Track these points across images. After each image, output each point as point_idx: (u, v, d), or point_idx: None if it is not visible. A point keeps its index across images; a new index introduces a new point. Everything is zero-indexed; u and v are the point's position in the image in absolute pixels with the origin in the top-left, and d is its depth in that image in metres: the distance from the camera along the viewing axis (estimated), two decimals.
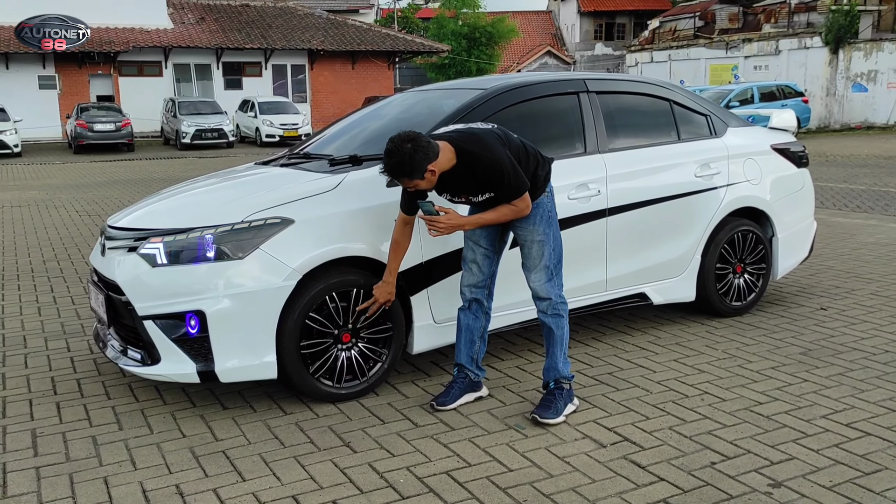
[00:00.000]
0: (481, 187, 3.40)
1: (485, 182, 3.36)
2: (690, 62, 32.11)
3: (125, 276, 3.68)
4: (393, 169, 3.23)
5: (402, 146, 3.17)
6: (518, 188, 3.37)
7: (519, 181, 3.36)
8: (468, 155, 3.31)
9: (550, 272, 3.58)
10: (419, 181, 3.26)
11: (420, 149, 3.18)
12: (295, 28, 33.87)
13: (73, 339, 4.93)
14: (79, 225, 9.73)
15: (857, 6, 28.08)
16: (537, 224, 3.54)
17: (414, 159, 3.17)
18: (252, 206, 3.69)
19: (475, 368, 3.79)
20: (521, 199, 3.40)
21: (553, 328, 3.61)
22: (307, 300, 3.60)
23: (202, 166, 18.47)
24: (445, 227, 3.38)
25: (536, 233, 3.55)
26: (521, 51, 47.41)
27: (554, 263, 3.59)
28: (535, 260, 3.58)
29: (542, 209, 3.56)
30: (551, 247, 3.57)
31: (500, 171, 3.30)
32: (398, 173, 3.24)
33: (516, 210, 3.43)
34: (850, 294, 5.66)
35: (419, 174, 3.22)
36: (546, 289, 3.58)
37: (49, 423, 3.63)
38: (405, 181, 3.28)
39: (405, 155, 3.17)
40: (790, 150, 5.35)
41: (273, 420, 3.62)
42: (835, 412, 3.59)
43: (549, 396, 3.60)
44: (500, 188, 3.36)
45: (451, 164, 3.32)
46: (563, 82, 4.67)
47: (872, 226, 8.59)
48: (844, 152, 18.71)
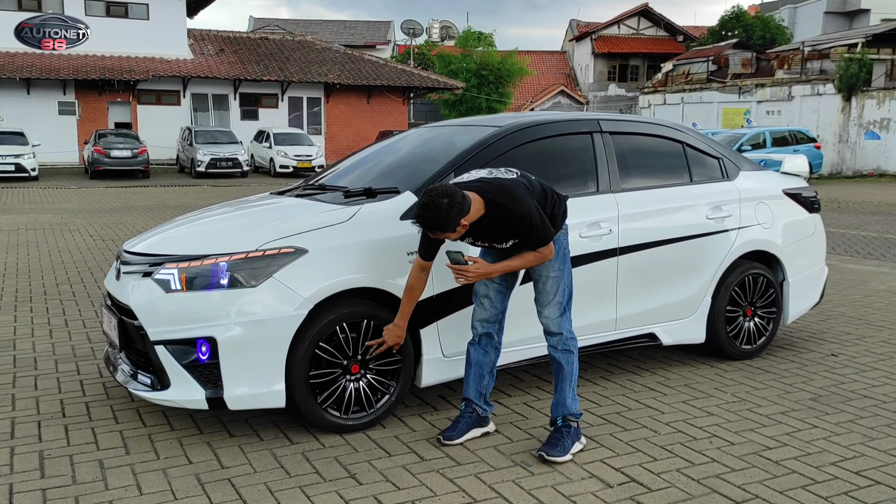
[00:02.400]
0: (508, 236, 3.45)
1: (513, 232, 3.42)
2: (703, 105, 32.29)
3: (139, 300, 3.72)
4: (427, 223, 3.27)
5: (438, 201, 3.21)
6: (545, 238, 3.43)
7: (546, 231, 3.42)
8: (500, 208, 3.36)
9: (563, 308, 3.62)
10: (451, 234, 3.33)
11: (455, 205, 3.23)
12: (312, 62, 34.36)
13: (84, 363, 4.95)
14: (92, 249, 9.81)
15: (869, 55, 28.27)
16: (553, 260, 3.58)
17: (449, 214, 3.23)
18: (266, 235, 3.73)
19: (483, 403, 3.79)
20: (546, 247, 3.46)
21: (563, 363, 3.63)
22: (318, 330, 3.62)
23: (216, 194, 18.64)
24: (474, 276, 3.45)
25: (551, 269, 3.59)
26: (535, 89, 47.87)
27: (566, 299, 3.63)
28: (549, 295, 3.61)
29: (558, 246, 3.60)
30: (565, 283, 3.62)
31: (529, 223, 3.36)
32: (432, 227, 3.28)
33: (541, 257, 3.49)
34: (860, 341, 5.63)
35: (452, 228, 3.28)
36: (557, 324, 3.61)
37: (57, 446, 3.64)
38: (439, 234, 3.33)
39: (441, 210, 3.21)
40: (802, 195, 5.38)
41: (279, 449, 3.62)
42: (844, 459, 3.56)
43: (557, 434, 3.59)
44: (528, 238, 3.41)
45: (479, 214, 3.36)
46: (577, 122, 4.73)
47: (884, 273, 8.56)
48: (857, 199, 18.71)
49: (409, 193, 3.98)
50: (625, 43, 48.89)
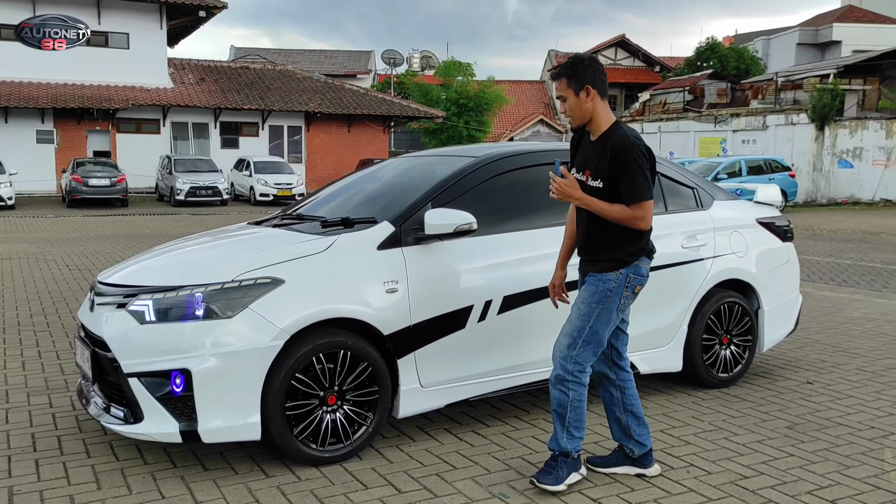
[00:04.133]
0: (603, 167, 3.35)
1: (611, 159, 3.32)
2: (680, 134, 32.73)
3: (112, 332, 3.68)
4: (562, 65, 3.42)
5: (583, 55, 3.45)
6: (639, 188, 3.29)
7: (641, 182, 3.29)
8: (619, 128, 3.38)
9: (573, 342, 3.42)
10: (572, 94, 3.38)
11: (595, 67, 3.39)
12: (293, 90, 34.49)
13: (56, 395, 4.88)
14: (68, 279, 9.71)
15: (841, 86, 28.85)
16: (591, 294, 3.43)
17: (586, 69, 3.36)
18: (243, 266, 3.72)
19: (631, 444, 3.65)
20: (639, 207, 3.30)
21: (553, 399, 3.48)
22: (294, 361, 3.60)
23: (195, 223, 18.55)
24: (560, 190, 3.38)
25: (584, 301, 3.44)
26: (514, 118, 48.31)
27: (584, 338, 3.41)
28: (568, 323, 3.47)
29: (604, 285, 3.41)
30: (589, 322, 3.41)
31: (629, 154, 3.29)
32: (563, 69, 3.41)
33: (632, 215, 3.31)
34: (835, 368, 5.68)
35: (576, 83, 3.37)
36: (560, 356, 3.45)
37: (27, 481, 3.57)
38: (563, 81, 3.40)
39: (581, 60, 3.40)
40: (775, 224, 5.45)
41: (254, 483, 3.57)
42: (820, 488, 3.58)
43: (552, 462, 3.50)
44: (622, 174, 3.30)
45: (603, 123, 3.41)
46: (554, 152, 4.77)
47: (858, 300, 8.66)
48: (831, 227, 18.97)
49: (387, 223, 3.99)
50: None
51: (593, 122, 3.43)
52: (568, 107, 3.43)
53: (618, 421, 3.67)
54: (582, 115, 3.42)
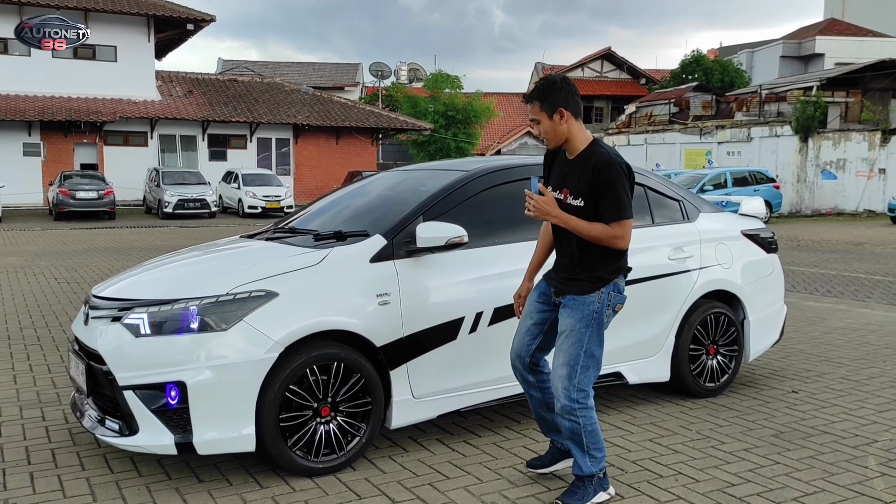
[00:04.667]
0: (583, 186, 3.35)
1: (592, 178, 3.31)
2: (666, 146, 33.01)
3: (107, 345, 3.71)
4: (535, 88, 3.43)
5: (555, 76, 3.45)
6: (621, 206, 3.29)
7: (624, 200, 3.30)
8: (597, 146, 3.40)
9: (572, 371, 3.40)
10: (545, 117, 3.39)
11: (566, 88, 3.40)
12: (281, 103, 34.56)
13: (49, 408, 4.89)
14: (57, 292, 9.69)
15: (824, 98, 29.22)
16: (577, 321, 3.41)
17: (558, 91, 3.37)
18: (237, 279, 3.77)
19: (560, 438, 3.70)
20: (619, 226, 3.30)
21: (565, 430, 3.47)
22: (288, 372, 3.64)
23: (183, 236, 18.53)
24: (538, 208, 3.36)
25: (573, 328, 3.41)
26: (502, 130, 48.55)
27: (581, 364, 3.41)
28: (562, 354, 3.44)
29: (588, 308, 3.41)
30: (582, 347, 3.40)
31: (611, 173, 3.29)
32: (535, 92, 3.41)
33: (612, 234, 3.31)
34: (820, 377, 5.77)
35: (549, 106, 3.37)
36: (562, 388, 3.41)
37: (22, 494, 3.59)
38: (536, 105, 3.41)
39: (553, 82, 3.40)
40: (760, 235, 5.55)
41: (249, 494, 3.61)
42: (806, 495, 3.65)
43: (578, 482, 3.48)
44: (604, 192, 3.30)
45: (579, 143, 3.42)
46: (541, 166, 4.84)
47: (842, 310, 8.78)
48: (815, 237, 19.17)
49: (379, 237, 4.06)
50: (589, 85, 49.96)
51: (569, 143, 3.46)
52: (542, 130, 3.45)
53: (543, 419, 3.78)
54: (557, 137, 3.44)
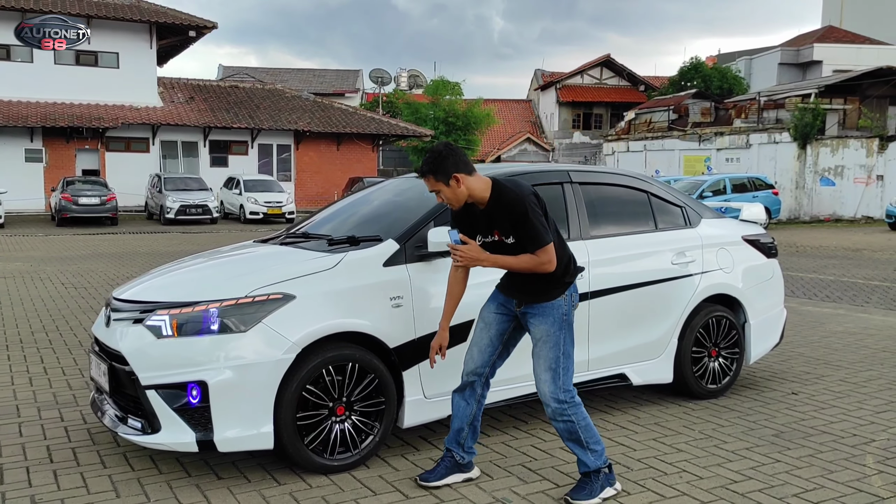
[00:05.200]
0: (506, 224, 3.53)
1: (510, 218, 3.49)
2: (665, 153, 33.19)
3: (130, 346, 3.84)
4: (424, 163, 3.55)
5: (439, 147, 3.56)
6: (539, 236, 3.47)
7: (540, 228, 3.46)
8: (499, 188, 3.54)
9: (556, 374, 3.58)
10: (443, 186, 3.52)
11: (453, 154, 3.52)
12: (282, 109, 34.72)
13: (66, 410, 5.00)
14: (65, 297, 9.80)
15: (822, 105, 29.41)
16: (550, 325, 3.59)
17: (445, 160, 3.49)
18: (256, 282, 3.89)
19: (461, 451, 3.84)
20: (543, 251, 3.48)
21: (561, 431, 3.64)
22: (305, 373, 3.77)
23: (186, 241, 18.65)
24: (465, 257, 3.54)
25: (548, 333, 3.59)
26: (501, 137, 48.73)
27: (560, 366, 3.59)
28: (542, 360, 3.61)
29: (557, 311, 3.60)
30: (560, 349, 3.59)
31: (523, 208, 3.45)
32: (427, 168, 3.53)
33: (537, 261, 3.49)
34: (819, 380, 5.90)
35: (444, 176, 3.50)
36: (549, 392, 3.59)
37: (47, 490, 3.70)
38: (430, 179, 3.53)
39: (438, 153, 3.52)
40: (760, 241, 5.68)
41: (267, 490, 3.73)
42: (806, 491, 3.77)
43: (585, 478, 3.63)
44: (523, 229, 3.48)
45: (483, 194, 3.55)
46: (548, 173, 4.99)
47: (841, 315, 8.91)
48: (814, 244, 19.31)
49: (392, 241, 4.18)
50: (588, 92, 50.19)
51: (473, 197, 3.57)
52: (445, 197, 3.58)
53: (460, 431, 3.82)
54: (459, 199, 3.56)
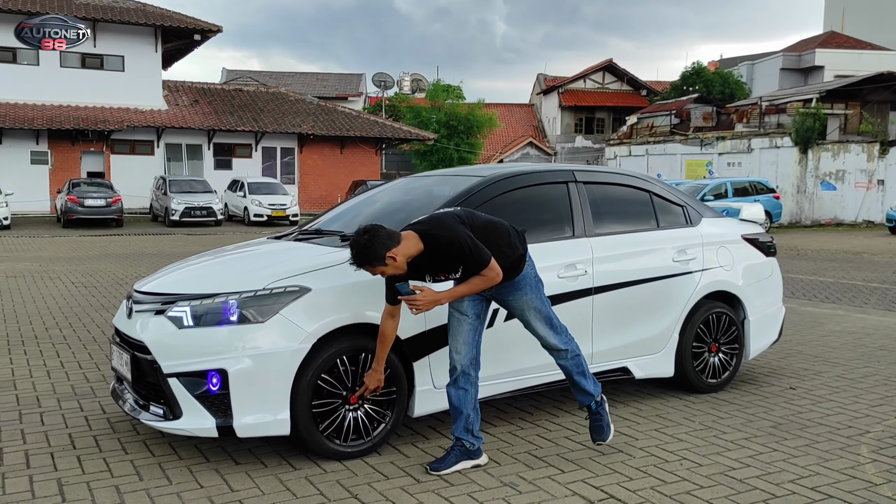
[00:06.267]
0: (451, 264, 3.72)
1: (452, 258, 3.68)
2: (667, 157, 33.33)
3: (152, 336, 4.00)
4: (355, 259, 3.61)
5: (359, 238, 3.57)
6: (480, 259, 3.67)
7: (480, 253, 3.66)
8: (430, 237, 3.67)
9: (553, 326, 4.02)
10: (383, 268, 3.60)
11: (376, 238, 3.54)
12: (286, 113, 34.93)
13: (85, 400, 5.16)
14: (75, 295, 9.97)
15: (823, 110, 29.57)
16: (527, 293, 3.96)
17: (371, 248, 3.54)
18: (273, 275, 4.05)
19: (471, 438, 4.00)
20: (489, 269, 3.70)
21: (572, 367, 4.09)
22: (320, 362, 3.92)
23: (191, 242, 18.82)
24: (423, 303, 3.72)
25: (529, 300, 3.97)
26: (504, 140, 48.92)
27: (553, 315, 4.03)
28: (537, 321, 4.01)
29: (528, 279, 3.97)
30: (545, 307, 4.02)
31: (459, 245, 3.63)
32: (360, 262, 3.60)
33: (486, 279, 3.72)
34: (817, 376, 6.04)
35: (379, 261, 3.57)
36: (556, 342, 4.03)
37: (72, 474, 3.86)
38: (368, 269, 3.63)
39: (362, 246, 3.55)
40: (759, 240, 5.84)
41: (284, 474, 3.88)
42: (801, 478, 3.92)
43: (597, 416, 4.16)
44: (466, 261, 3.67)
45: (418, 249, 3.65)
46: (553, 172, 5.15)
47: (840, 315, 9.05)
48: (815, 247, 19.46)
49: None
50: (590, 96, 50.37)
51: (411, 257, 3.65)
52: (390, 273, 3.64)
53: (466, 417, 3.97)
54: (402, 267, 3.64)
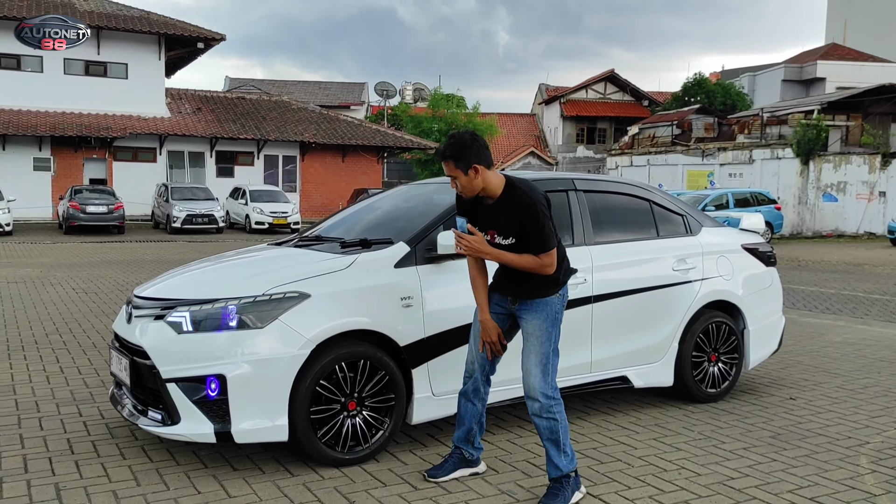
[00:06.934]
0: (511, 226, 3.60)
1: (517, 219, 3.57)
2: (668, 167, 33.35)
3: (152, 341, 4.00)
4: (447, 147, 3.61)
5: (464, 134, 3.65)
6: (546, 239, 3.55)
7: (547, 234, 3.55)
8: (513, 188, 3.63)
9: (545, 369, 3.65)
10: (461, 174, 3.59)
11: (477, 144, 3.59)
12: (288, 121, 35.02)
13: (84, 406, 5.16)
14: (76, 301, 9.97)
15: (825, 122, 29.61)
16: (543, 321, 3.68)
17: (468, 148, 3.56)
18: (272, 281, 4.06)
19: (470, 448, 3.99)
20: (547, 255, 3.57)
21: (543, 430, 3.67)
22: (319, 368, 3.92)
23: (192, 249, 18.83)
24: (470, 246, 3.63)
25: (540, 329, 3.67)
26: (506, 150, 48.99)
27: (549, 362, 3.66)
28: (533, 354, 3.67)
29: (551, 308, 3.69)
30: (550, 346, 3.67)
31: (534, 212, 3.53)
32: (450, 153, 3.59)
33: (540, 263, 3.57)
34: (817, 386, 6.03)
35: (464, 164, 3.57)
36: (538, 387, 3.63)
37: (70, 479, 3.86)
38: (450, 164, 3.60)
39: (462, 141, 3.59)
40: (759, 249, 5.84)
41: (282, 481, 3.87)
42: (800, 488, 3.91)
43: (556, 485, 3.64)
44: (529, 231, 3.55)
45: (496, 189, 3.63)
46: (553, 181, 5.16)
47: (840, 326, 9.04)
48: (816, 258, 19.45)
49: (403, 244, 4.34)
50: (592, 107, 50.45)
51: (486, 191, 3.64)
52: (460, 185, 3.65)
53: (469, 430, 3.94)
54: (473, 189, 3.63)
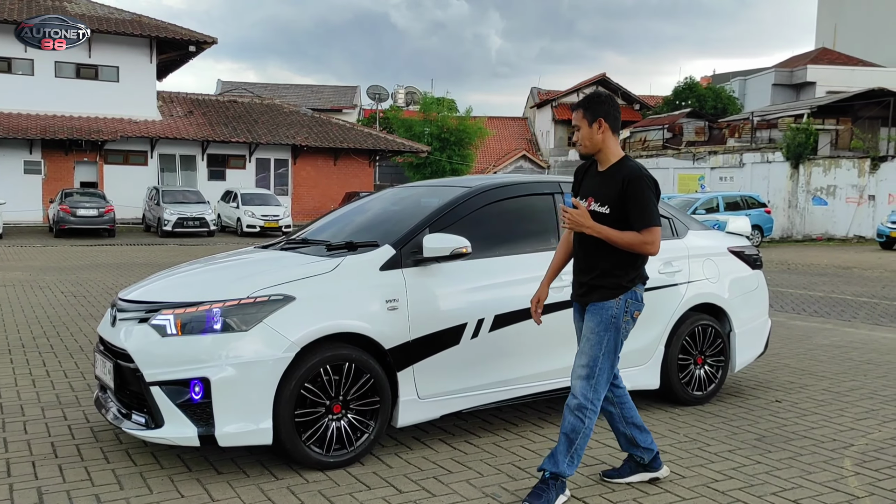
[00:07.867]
0: (610, 195, 3.61)
1: (620, 190, 3.57)
2: (660, 171, 33.43)
3: (136, 344, 3.99)
4: (584, 98, 3.77)
5: (602, 92, 3.85)
6: (650, 214, 3.54)
7: (653, 209, 3.56)
8: (628, 161, 3.68)
9: (591, 372, 3.61)
10: (585, 124, 3.67)
11: (609, 103, 3.71)
12: (280, 124, 34.98)
13: (69, 409, 5.14)
14: (64, 305, 9.93)
15: (815, 126, 29.77)
16: (597, 324, 3.63)
17: (602, 104, 3.68)
18: (257, 284, 4.05)
19: (639, 451, 3.91)
20: (649, 231, 3.53)
21: (567, 424, 3.63)
22: (303, 371, 3.92)
23: (183, 253, 18.78)
24: (573, 220, 3.62)
25: (593, 332, 3.64)
26: (498, 153, 49.07)
27: (599, 366, 3.61)
28: (583, 356, 3.64)
29: (608, 311, 3.63)
30: (601, 350, 3.61)
31: (640, 186, 3.56)
32: (584, 100, 3.73)
33: (643, 241, 3.54)
34: (803, 389, 6.05)
35: (592, 115, 3.66)
36: (580, 386, 3.62)
37: (53, 483, 3.84)
38: (580, 112, 3.69)
39: (601, 95, 3.76)
40: (745, 252, 5.86)
41: (266, 484, 3.86)
42: (784, 490, 3.92)
43: (542, 485, 3.61)
44: (634, 201, 3.55)
45: (612, 155, 3.69)
46: (540, 184, 5.17)
47: (828, 329, 9.08)
48: (805, 261, 19.53)
49: (388, 247, 4.35)
50: None
51: (602, 153, 3.73)
52: (581, 136, 3.73)
53: (623, 434, 3.95)
54: (592, 144, 3.71)
